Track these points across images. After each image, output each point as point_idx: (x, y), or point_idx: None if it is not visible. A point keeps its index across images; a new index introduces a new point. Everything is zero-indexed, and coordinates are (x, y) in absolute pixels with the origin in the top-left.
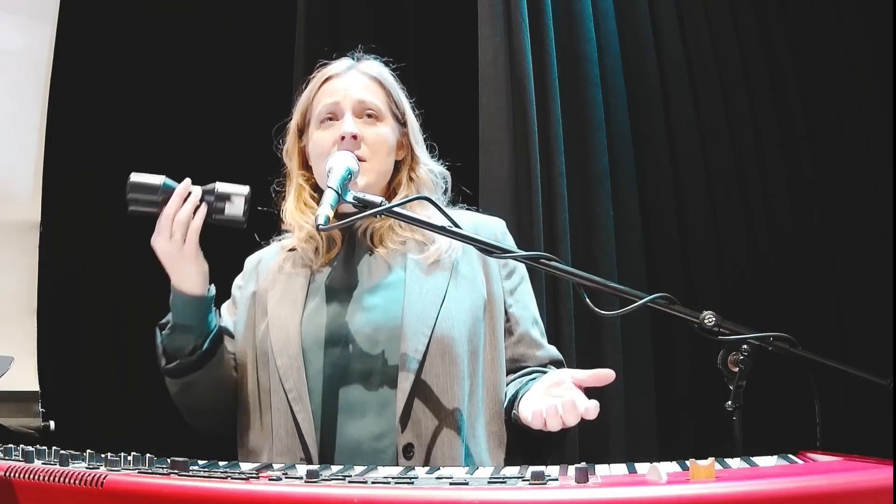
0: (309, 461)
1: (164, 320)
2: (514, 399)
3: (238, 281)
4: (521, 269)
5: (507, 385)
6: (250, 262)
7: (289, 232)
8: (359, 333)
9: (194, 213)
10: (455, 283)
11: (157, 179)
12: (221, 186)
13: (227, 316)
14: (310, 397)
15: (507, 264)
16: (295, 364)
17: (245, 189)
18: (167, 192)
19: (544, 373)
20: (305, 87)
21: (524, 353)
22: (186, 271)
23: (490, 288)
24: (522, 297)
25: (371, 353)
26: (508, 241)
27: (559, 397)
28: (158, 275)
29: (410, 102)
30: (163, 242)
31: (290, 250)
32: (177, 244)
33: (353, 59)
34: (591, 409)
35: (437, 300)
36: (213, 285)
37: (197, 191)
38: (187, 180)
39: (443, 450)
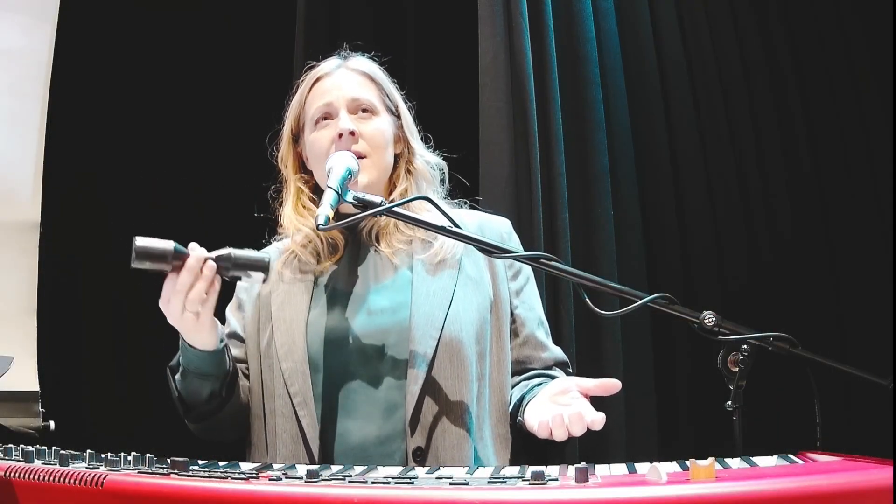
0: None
1: (173, 362)
2: (518, 403)
3: (243, 283)
4: (527, 269)
5: (513, 388)
6: None
7: (287, 235)
8: (365, 336)
9: (208, 289)
10: (462, 284)
11: (166, 245)
12: (238, 256)
13: (233, 319)
14: (315, 402)
15: (513, 265)
16: (300, 368)
17: (265, 260)
18: (178, 258)
19: (550, 376)
20: (295, 92)
21: (530, 355)
22: (198, 335)
23: (496, 289)
24: (528, 298)
25: (377, 356)
26: (514, 241)
27: (565, 406)
28: (158, 275)
29: (402, 94)
30: (174, 316)
31: (291, 252)
32: (190, 320)
33: (341, 57)
34: (597, 420)
35: (445, 302)
36: (223, 327)
37: (211, 264)
38: (198, 250)
39: (452, 452)
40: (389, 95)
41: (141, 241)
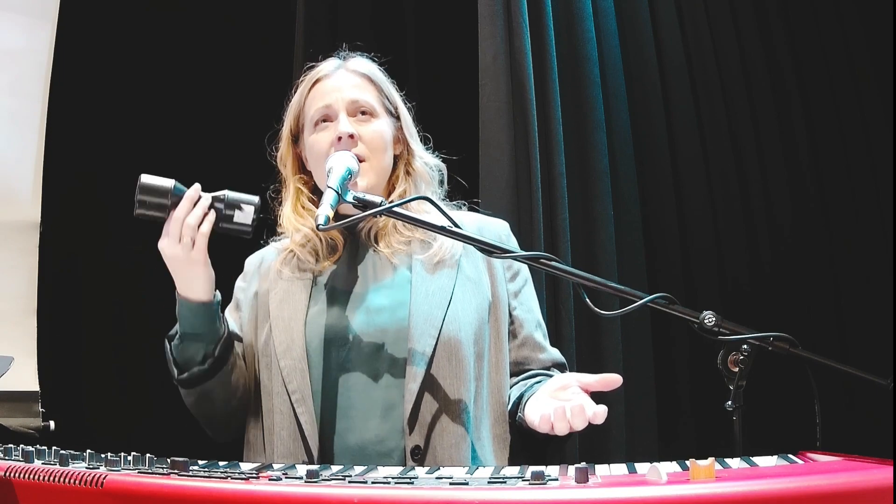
0: (311, 464)
1: (171, 331)
2: (518, 401)
3: (240, 282)
4: (525, 271)
5: (511, 388)
6: (251, 262)
7: (286, 236)
8: (364, 334)
9: (203, 217)
10: (460, 285)
11: (167, 182)
12: (231, 194)
13: (231, 320)
14: (313, 399)
15: (512, 266)
16: (299, 366)
17: (255, 198)
18: (177, 196)
19: (548, 376)
20: (294, 92)
21: (528, 356)
22: (194, 276)
23: (495, 290)
24: (527, 299)
25: (376, 355)
26: (512, 244)
27: (566, 401)
28: (158, 275)
29: (401, 95)
30: (171, 246)
31: (290, 251)
32: (186, 248)
33: (340, 58)
34: (599, 413)
35: (444, 302)
36: (218, 291)
37: (207, 197)
38: (197, 185)
39: (450, 452)
40: (388, 97)
41: (145, 178)
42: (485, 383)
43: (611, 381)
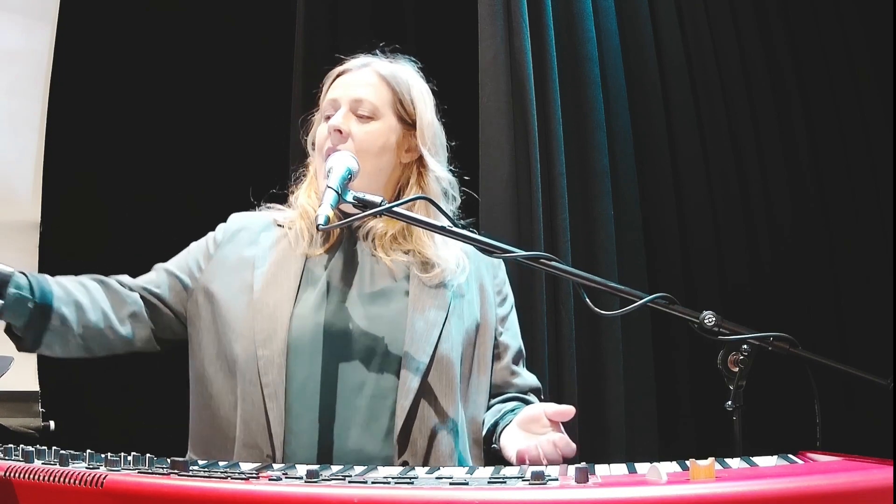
0: (273, 461)
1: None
2: (493, 429)
3: (218, 235)
4: (511, 296)
5: (486, 412)
6: (237, 221)
7: (281, 208)
8: (357, 341)
9: None
10: (457, 305)
11: None
12: None
13: (191, 259)
14: (290, 398)
15: (502, 291)
16: (277, 360)
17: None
18: None
19: (524, 400)
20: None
21: (507, 381)
22: None
23: (484, 312)
24: (512, 325)
25: (366, 363)
26: (501, 273)
27: (537, 435)
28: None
29: (434, 107)
30: None
31: (289, 225)
32: None
33: (376, 55)
34: (566, 449)
35: (440, 320)
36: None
37: None
38: None
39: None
40: (404, 102)
41: None
42: (469, 404)
43: (564, 412)
